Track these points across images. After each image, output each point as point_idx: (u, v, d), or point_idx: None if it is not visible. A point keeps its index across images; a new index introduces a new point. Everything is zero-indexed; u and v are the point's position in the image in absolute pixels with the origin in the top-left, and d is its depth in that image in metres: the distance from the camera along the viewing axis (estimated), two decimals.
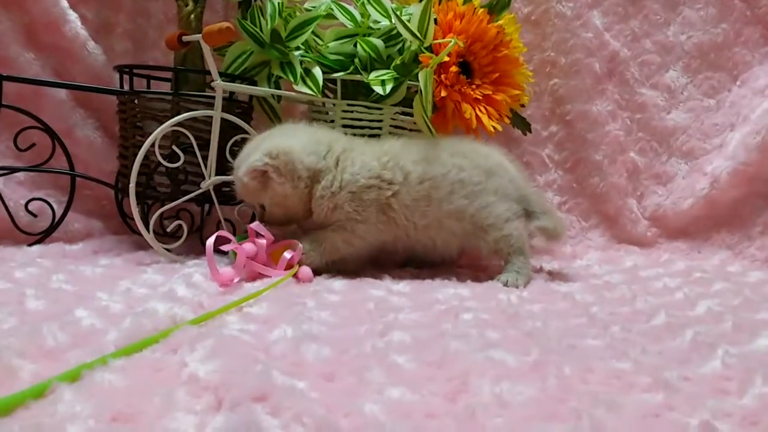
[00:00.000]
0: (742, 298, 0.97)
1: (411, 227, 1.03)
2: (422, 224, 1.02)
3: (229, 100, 1.14)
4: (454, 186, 1.03)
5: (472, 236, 1.04)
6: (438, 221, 1.03)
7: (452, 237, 1.05)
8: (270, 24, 1.14)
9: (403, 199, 1.01)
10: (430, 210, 1.02)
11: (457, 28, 1.15)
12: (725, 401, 0.53)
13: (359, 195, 1.00)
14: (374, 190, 1.00)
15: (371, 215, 1.01)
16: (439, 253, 1.08)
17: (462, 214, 1.03)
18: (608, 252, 1.38)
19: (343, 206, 1.00)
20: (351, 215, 1.00)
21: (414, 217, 1.02)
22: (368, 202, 1.00)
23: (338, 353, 0.58)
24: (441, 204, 1.02)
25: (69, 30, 1.19)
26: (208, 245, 0.85)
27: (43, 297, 0.73)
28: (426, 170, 1.02)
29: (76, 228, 1.16)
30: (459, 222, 1.03)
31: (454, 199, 1.02)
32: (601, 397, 0.52)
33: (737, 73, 1.46)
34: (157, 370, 0.51)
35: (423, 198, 1.02)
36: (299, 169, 0.98)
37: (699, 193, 1.40)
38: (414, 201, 1.02)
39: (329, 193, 0.99)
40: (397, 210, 1.01)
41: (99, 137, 1.23)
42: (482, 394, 0.51)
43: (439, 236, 1.04)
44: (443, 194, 1.02)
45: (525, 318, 0.77)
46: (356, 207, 1.00)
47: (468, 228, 1.04)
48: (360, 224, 1.00)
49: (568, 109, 1.43)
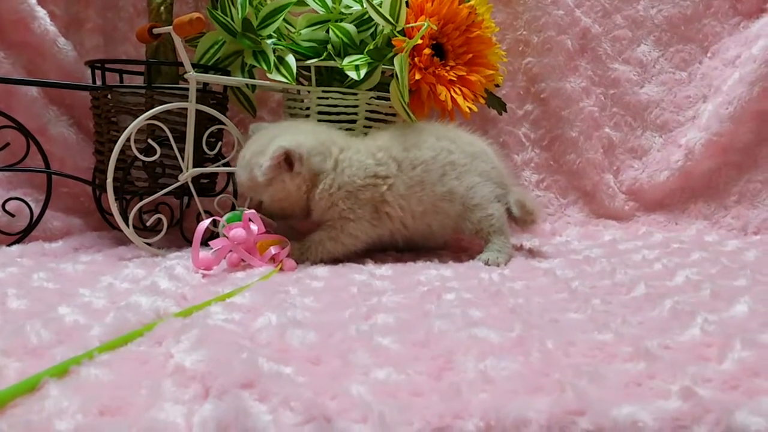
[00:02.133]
0: (720, 266, 0.99)
1: (408, 217, 1.04)
2: (419, 211, 1.04)
3: (203, 91, 1.13)
4: (445, 168, 1.05)
5: (461, 217, 1.06)
6: (433, 205, 1.05)
7: (447, 219, 1.06)
8: (241, 13, 1.14)
9: (398, 189, 1.03)
10: (425, 195, 1.04)
11: (428, 10, 1.15)
12: (706, 367, 0.54)
13: (355, 194, 1.01)
14: (369, 189, 1.01)
15: (364, 213, 1.01)
16: (435, 238, 1.11)
17: (453, 195, 1.05)
18: (587, 227, 1.40)
19: (337, 203, 1.01)
20: (344, 213, 1.01)
21: (411, 205, 1.03)
22: (363, 201, 1.01)
23: (323, 337, 0.59)
24: (434, 187, 1.04)
25: (38, 27, 1.17)
26: (198, 229, 0.85)
27: (25, 296, 0.72)
28: (417, 155, 1.05)
29: (55, 226, 1.15)
30: (451, 204, 1.05)
31: (446, 180, 1.05)
32: (584, 368, 0.52)
33: (708, 44, 1.47)
34: (143, 363, 0.52)
35: (417, 184, 1.04)
36: (305, 169, 0.99)
37: (674, 165, 1.42)
38: (409, 188, 1.03)
39: (327, 194, 1.00)
40: (392, 202, 1.03)
41: (73, 134, 1.22)
42: (467, 371, 0.51)
43: (435, 220, 1.06)
44: (436, 177, 1.04)
45: (507, 295, 0.78)
46: (350, 205, 1.01)
47: (458, 209, 1.05)
48: (351, 222, 1.01)
49: (543, 87, 1.44)
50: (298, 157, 0.97)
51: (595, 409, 0.44)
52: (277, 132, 1.02)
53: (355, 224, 1.01)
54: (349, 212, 1.01)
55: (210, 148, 1.12)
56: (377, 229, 1.04)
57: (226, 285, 0.79)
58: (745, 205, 1.39)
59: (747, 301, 0.73)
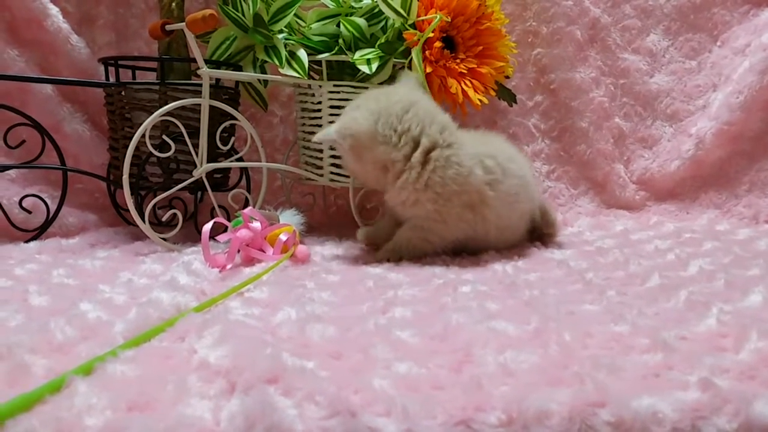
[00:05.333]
0: (733, 255, 0.99)
1: (496, 225, 1.00)
2: (504, 224, 1.01)
3: (216, 87, 1.14)
4: (527, 187, 1.05)
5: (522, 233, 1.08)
6: (515, 221, 1.04)
7: (513, 236, 1.06)
8: (252, 8, 1.14)
9: (501, 194, 0.99)
10: (513, 210, 1.02)
11: (438, 2, 1.15)
12: (723, 358, 0.54)
13: (448, 197, 0.95)
14: (469, 194, 0.96)
15: (456, 216, 0.96)
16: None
17: (524, 215, 1.06)
18: (598, 218, 1.40)
19: (425, 204, 0.95)
20: (432, 215, 0.95)
21: (503, 216, 1.00)
22: (456, 203, 0.95)
23: (343, 332, 0.59)
24: (519, 205, 1.03)
25: (51, 24, 1.18)
26: (204, 231, 0.85)
27: (47, 293, 0.73)
28: (513, 169, 1.02)
29: (71, 222, 1.16)
30: (524, 223, 1.07)
31: (522, 199, 1.04)
32: (602, 360, 0.53)
33: (717, 33, 1.47)
34: (167, 358, 0.52)
35: (513, 195, 1.01)
36: (367, 156, 0.95)
37: (685, 154, 1.42)
38: (509, 196, 1.00)
39: (412, 188, 0.95)
40: (492, 207, 0.98)
41: (88, 130, 1.23)
42: (487, 364, 0.52)
43: (508, 236, 1.05)
44: (523, 194, 1.03)
45: (522, 287, 0.79)
46: (440, 207, 0.95)
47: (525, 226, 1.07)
48: (440, 224, 0.96)
49: (552, 78, 1.44)
50: (340, 148, 0.95)
51: (615, 400, 0.45)
52: (369, 102, 0.96)
53: (443, 226, 0.97)
54: (437, 214, 0.95)
55: (223, 143, 1.12)
56: (470, 228, 0.98)
57: (243, 279, 0.80)
58: (756, 194, 1.39)
59: (761, 291, 0.74)
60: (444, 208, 0.95)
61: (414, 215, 0.97)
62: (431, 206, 0.95)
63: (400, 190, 0.95)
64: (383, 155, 0.94)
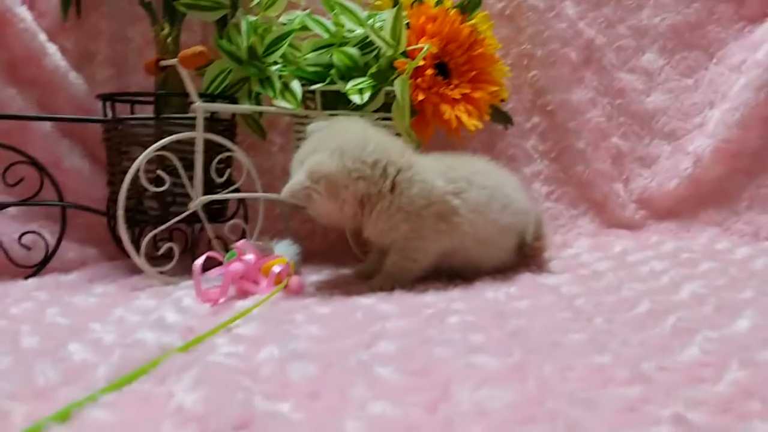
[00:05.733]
0: (727, 277, 0.99)
1: (473, 236, 1.01)
2: (482, 236, 1.02)
3: (212, 120, 1.15)
4: (505, 200, 1.05)
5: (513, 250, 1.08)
6: (493, 236, 1.04)
7: (501, 252, 1.07)
8: (246, 41, 1.16)
9: (471, 203, 1.00)
10: (489, 221, 1.02)
11: (430, 30, 1.17)
12: (700, 389, 0.55)
13: (417, 213, 0.97)
14: (437, 205, 0.98)
15: (431, 228, 0.98)
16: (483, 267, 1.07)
17: (510, 230, 1.06)
18: (598, 238, 1.40)
19: (398, 226, 0.97)
20: (408, 234, 0.98)
21: (477, 226, 1.01)
22: (427, 216, 0.97)
23: (324, 369, 0.60)
24: (497, 216, 1.03)
25: (49, 63, 1.20)
26: (195, 266, 0.86)
27: (37, 333, 0.74)
28: (483, 180, 1.03)
29: (70, 257, 1.17)
30: (509, 239, 1.07)
31: (506, 213, 1.04)
32: (578, 395, 0.53)
33: (713, 51, 1.47)
34: (145, 402, 0.53)
35: (485, 204, 1.02)
36: (343, 193, 0.94)
37: (683, 172, 1.42)
38: (479, 205, 1.01)
39: (386, 215, 0.97)
40: (463, 215, 1.00)
41: (87, 165, 1.25)
42: (462, 402, 0.52)
43: (491, 252, 1.05)
44: (498, 207, 1.04)
45: (510, 317, 0.79)
46: (413, 225, 0.97)
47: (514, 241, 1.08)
48: (417, 241, 0.99)
49: (549, 100, 1.44)
50: (314, 192, 0.92)
51: None
52: (323, 143, 0.96)
53: (422, 242, 0.99)
54: (413, 232, 0.98)
55: (219, 174, 1.13)
56: (447, 239, 1.00)
57: (234, 314, 0.80)
58: (756, 211, 1.39)
59: (750, 316, 0.74)
60: (417, 224, 0.97)
61: (393, 241, 0.99)
62: (405, 226, 0.97)
63: (376, 221, 0.97)
64: (362, 190, 0.95)
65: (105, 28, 1.31)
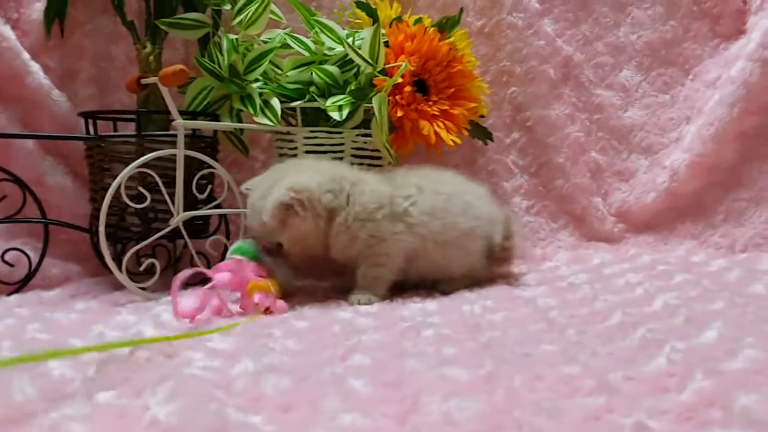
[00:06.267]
0: (700, 289, 1.00)
1: (429, 238, 1.05)
2: (441, 240, 1.05)
3: (193, 137, 1.17)
4: (465, 205, 1.08)
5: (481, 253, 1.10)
6: (455, 240, 1.06)
7: (467, 257, 1.09)
8: (227, 59, 1.17)
9: (422, 206, 1.04)
10: (447, 224, 1.05)
11: (408, 48, 1.18)
12: (663, 399, 0.56)
13: (371, 218, 1.01)
14: (387, 206, 1.02)
15: (387, 228, 1.02)
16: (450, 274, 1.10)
17: (474, 233, 1.08)
18: (578, 251, 1.42)
19: (357, 235, 1.01)
20: (368, 241, 1.02)
21: (433, 227, 1.04)
22: (382, 219, 1.02)
23: (297, 382, 0.61)
24: (457, 219, 1.06)
25: (32, 81, 1.22)
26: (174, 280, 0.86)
27: (18, 349, 0.75)
28: (437, 187, 1.07)
29: (53, 273, 1.18)
30: (473, 242, 1.08)
31: (468, 217, 1.07)
32: (545, 404, 0.54)
33: (689, 67, 1.50)
34: (121, 417, 0.54)
35: (441, 209, 1.05)
36: (318, 207, 0.99)
37: (660, 186, 1.44)
38: (432, 208, 1.05)
39: (344, 228, 1.01)
40: (415, 216, 1.03)
41: (69, 182, 1.26)
42: (431, 413, 0.53)
43: (456, 256, 1.08)
44: (459, 210, 1.07)
45: (485, 329, 0.80)
46: (370, 231, 1.01)
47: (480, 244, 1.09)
48: (377, 245, 1.02)
49: (528, 116, 1.46)
50: (298, 203, 0.97)
51: None
52: (284, 173, 1.02)
53: (383, 245, 1.02)
54: (371, 239, 1.01)
55: (200, 191, 1.15)
56: (407, 239, 1.03)
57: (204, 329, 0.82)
58: (732, 224, 1.41)
59: (718, 327, 0.75)
60: (374, 229, 1.02)
61: (358, 253, 1.02)
62: (364, 233, 1.01)
63: (337, 236, 1.01)
64: (329, 202, 1.00)
65: (88, 47, 1.33)
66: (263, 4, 1.18)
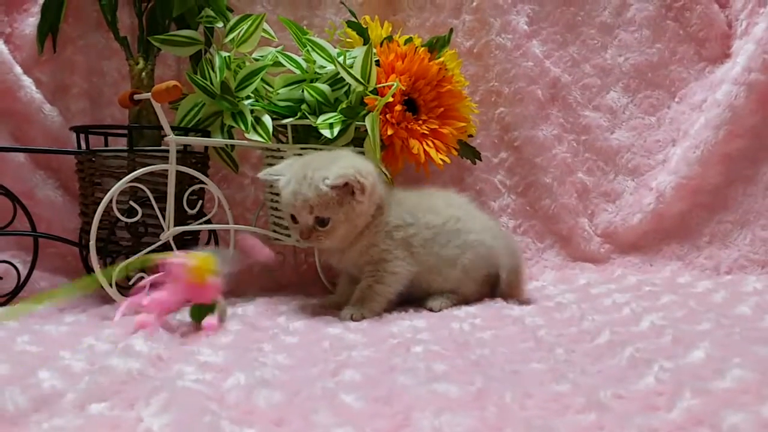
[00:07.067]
0: (686, 309, 1.02)
1: (425, 263, 1.08)
2: (429, 265, 1.09)
3: (184, 152, 1.17)
4: (450, 235, 1.10)
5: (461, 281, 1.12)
6: (437, 267, 1.09)
7: (446, 283, 1.11)
8: (219, 76, 1.18)
9: (419, 237, 1.08)
10: (432, 253, 1.09)
11: (399, 68, 1.20)
12: (653, 417, 0.57)
13: (391, 234, 1.06)
14: (402, 229, 1.07)
15: (399, 251, 1.06)
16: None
17: (455, 262, 1.10)
18: (564, 271, 1.42)
19: (378, 243, 1.06)
20: (383, 254, 1.06)
21: (426, 255, 1.08)
22: (397, 241, 1.06)
23: (289, 396, 0.61)
24: (441, 250, 1.09)
25: (24, 95, 1.22)
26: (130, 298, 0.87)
27: (8, 360, 0.74)
28: (430, 219, 1.10)
29: (42, 287, 1.18)
30: (452, 269, 1.10)
31: (450, 247, 1.10)
32: (535, 422, 0.55)
33: (675, 89, 1.52)
34: (115, 428, 0.54)
35: (429, 240, 1.09)
36: (376, 196, 1.05)
37: (646, 208, 1.46)
38: (425, 241, 1.09)
39: (373, 231, 1.06)
40: (417, 246, 1.08)
41: (60, 196, 1.26)
42: (423, 428, 0.54)
43: (436, 280, 1.11)
44: (443, 241, 1.10)
45: (474, 346, 0.81)
46: (387, 246, 1.06)
47: (458, 275, 1.11)
48: (388, 262, 1.06)
49: (516, 136, 1.47)
50: (360, 186, 1.00)
51: None
52: (343, 155, 1.06)
53: (392, 263, 1.06)
54: (386, 253, 1.06)
55: (191, 206, 1.15)
56: (411, 265, 1.07)
57: (202, 345, 0.82)
58: (717, 246, 1.43)
59: (705, 347, 0.76)
60: (391, 246, 1.06)
61: (367, 262, 1.07)
62: (383, 245, 1.06)
63: (365, 234, 1.05)
64: (380, 197, 1.06)
65: (80, 62, 1.33)
66: (255, 23, 1.19)
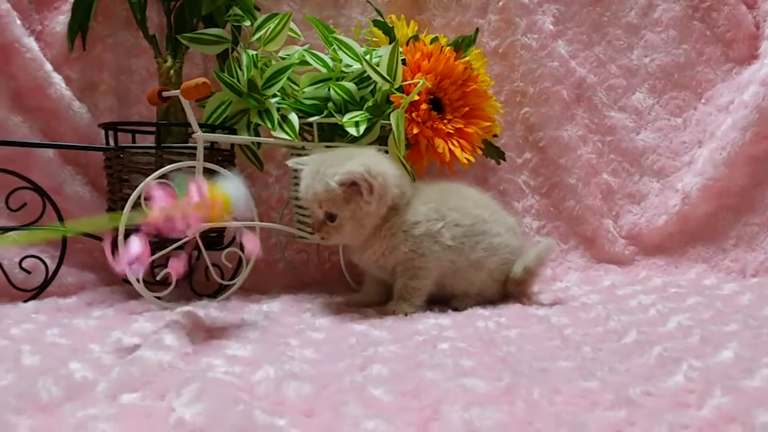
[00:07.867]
0: (713, 311, 1.01)
1: (456, 262, 1.08)
2: (456, 267, 1.09)
3: (211, 149, 1.18)
4: (477, 237, 1.10)
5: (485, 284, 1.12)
6: (464, 270, 1.09)
7: (471, 286, 1.11)
8: (246, 74, 1.19)
9: (449, 231, 1.08)
10: (463, 254, 1.09)
11: (425, 67, 1.20)
12: (684, 414, 0.57)
13: (411, 233, 1.05)
14: (424, 224, 1.06)
15: (425, 246, 1.05)
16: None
17: (481, 264, 1.10)
18: (588, 272, 1.42)
19: (398, 246, 1.05)
20: (408, 255, 1.05)
21: (455, 253, 1.08)
22: (420, 237, 1.05)
23: (318, 389, 0.62)
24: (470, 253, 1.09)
25: (54, 92, 1.23)
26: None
27: (38, 352, 0.75)
28: (456, 218, 1.09)
29: (69, 282, 1.19)
30: (479, 273, 1.10)
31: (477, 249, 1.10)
32: (565, 417, 0.55)
33: (701, 91, 1.51)
34: (147, 417, 0.55)
35: (460, 237, 1.09)
36: (387, 198, 1.03)
37: (672, 209, 1.45)
38: (454, 239, 1.08)
39: (390, 234, 1.05)
40: (447, 237, 1.07)
41: (88, 192, 1.27)
42: (452, 421, 0.54)
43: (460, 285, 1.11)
44: (472, 243, 1.09)
45: (500, 344, 0.81)
46: (411, 246, 1.05)
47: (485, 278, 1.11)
48: (416, 259, 1.05)
49: (540, 136, 1.47)
50: (367, 186, 0.99)
51: None
52: (359, 153, 1.05)
53: (421, 258, 1.05)
54: (411, 253, 1.05)
55: None
56: (441, 256, 1.07)
57: (231, 339, 0.82)
58: (743, 248, 1.42)
59: (734, 347, 0.76)
60: (414, 245, 1.05)
61: (397, 263, 1.07)
62: (404, 247, 1.05)
63: (383, 237, 1.05)
64: (397, 200, 1.05)
65: (109, 60, 1.34)
66: (282, 22, 1.20)
